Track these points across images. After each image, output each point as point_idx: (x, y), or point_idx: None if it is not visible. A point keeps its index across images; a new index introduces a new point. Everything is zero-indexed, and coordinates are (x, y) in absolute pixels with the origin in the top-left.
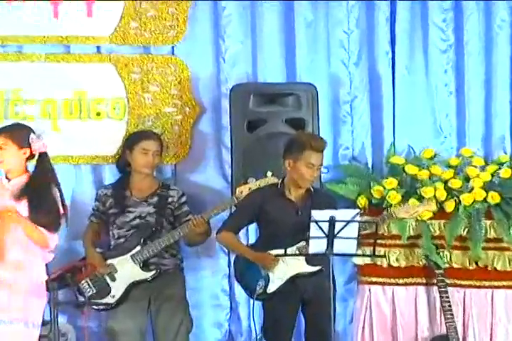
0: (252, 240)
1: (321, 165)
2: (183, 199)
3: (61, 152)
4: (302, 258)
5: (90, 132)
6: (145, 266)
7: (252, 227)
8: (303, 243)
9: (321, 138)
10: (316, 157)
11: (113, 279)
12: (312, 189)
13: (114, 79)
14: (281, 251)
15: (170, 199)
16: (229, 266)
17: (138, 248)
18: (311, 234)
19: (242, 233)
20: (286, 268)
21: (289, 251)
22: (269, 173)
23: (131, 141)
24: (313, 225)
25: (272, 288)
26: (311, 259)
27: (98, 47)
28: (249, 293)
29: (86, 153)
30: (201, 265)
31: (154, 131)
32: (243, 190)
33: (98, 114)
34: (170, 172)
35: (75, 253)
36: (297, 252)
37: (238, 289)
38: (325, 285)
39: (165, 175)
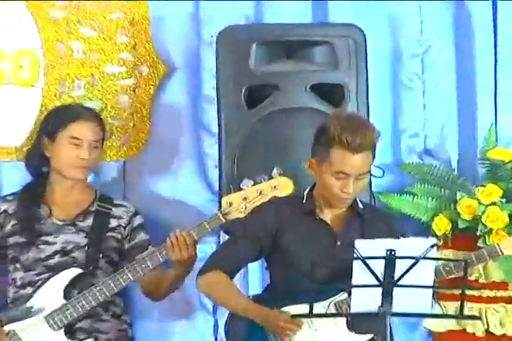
0: (256, 289)
1: (365, 172)
2: (138, 221)
3: None
4: (342, 321)
5: None
6: (70, 333)
7: (256, 267)
8: (343, 295)
9: (366, 128)
10: (351, 161)
11: None
12: (360, 204)
13: (21, 17)
14: (305, 308)
15: (114, 223)
16: (215, 332)
17: (57, 304)
18: (355, 281)
19: (237, 277)
20: (313, 336)
21: (319, 307)
22: (275, 171)
23: (52, 123)
24: (357, 265)
25: None
26: (356, 322)
27: None
28: None
29: None
30: (168, 331)
31: (90, 107)
32: (233, 201)
33: None
34: (115, 175)
35: None
36: (333, 311)
37: None
38: None
39: (107, 179)
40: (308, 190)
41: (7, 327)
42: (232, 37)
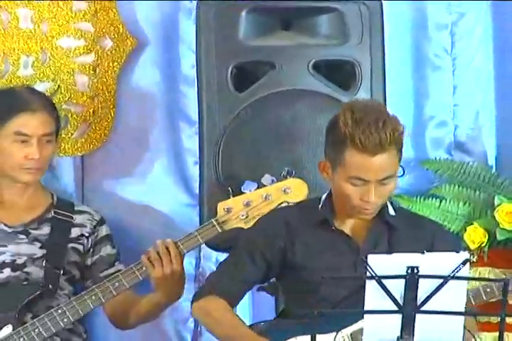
0: (262, 315)
1: (391, 176)
2: (103, 231)
3: None
4: None
5: None
6: None
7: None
8: (361, 323)
9: (387, 122)
10: (369, 165)
11: None
12: (391, 209)
13: None
14: (328, 338)
15: (75, 232)
16: None
17: (7, 330)
18: (368, 305)
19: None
20: None
21: (342, 337)
22: (285, 172)
23: None
24: (371, 285)
25: None
26: None
27: None
28: None
29: None
30: None
31: (38, 91)
32: (232, 207)
33: None
34: (71, 174)
35: None
36: None
37: None
38: None
39: (60, 178)
40: (326, 194)
41: None
42: (217, 4)
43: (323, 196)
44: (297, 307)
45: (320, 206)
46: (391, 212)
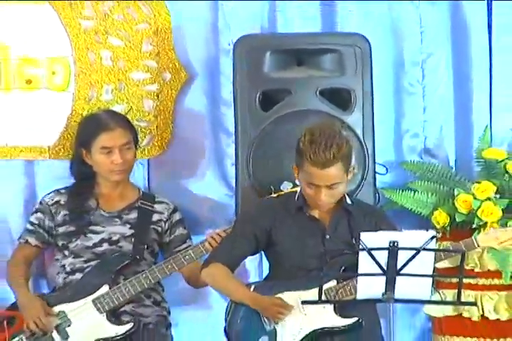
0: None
1: (337, 183)
2: (177, 216)
3: None
4: (329, 306)
5: (15, 110)
6: (115, 316)
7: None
8: (332, 283)
9: (334, 143)
10: (319, 175)
11: (64, 336)
12: (348, 200)
13: (54, 27)
14: (305, 294)
15: (156, 217)
16: None
17: (105, 288)
18: (361, 270)
19: (254, 266)
20: (303, 320)
21: (310, 294)
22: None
23: (84, 135)
24: (363, 255)
25: None
26: (342, 307)
27: None
28: None
29: (9, 143)
30: (188, 318)
31: (115, 112)
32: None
33: (28, 82)
34: (140, 174)
35: None
36: (325, 298)
37: None
38: None
39: (132, 176)
40: (300, 189)
41: (57, 308)
42: (247, 45)
43: (298, 190)
44: (278, 272)
45: (296, 198)
46: (348, 201)
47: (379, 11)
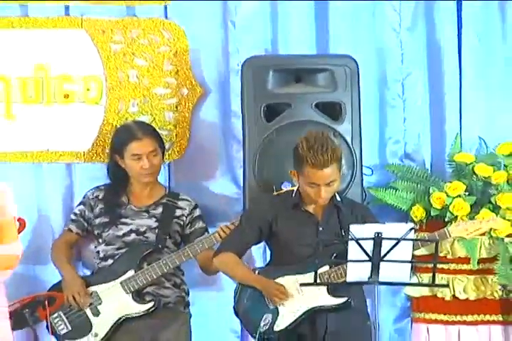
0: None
1: (334, 180)
2: (197, 212)
3: (16, 147)
4: (323, 288)
5: (55, 121)
6: (139, 296)
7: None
8: (325, 268)
9: (329, 147)
10: (319, 175)
11: (96, 313)
12: (338, 197)
13: (88, 50)
14: (302, 278)
15: (178, 212)
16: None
17: (131, 272)
18: (350, 257)
19: (259, 254)
20: (301, 299)
21: (306, 277)
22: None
23: (118, 143)
24: (352, 244)
25: (280, 324)
26: (334, 288)
27: (66, 8)
28: (251, 329)
29: (50, 148)
30: (203, 298)
31: (143, 122)
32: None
33: (66, 97)
34: (162, 175)
35: (33, 281)
36: (320, 281)
37: None
38: (356, 324)
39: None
40: (297, 188)
41: (91, 289)
42: (253, 65)
43: (295, 189)
44: (278, 259)
45: (293, 195)
46: (338, 199)
47: (366, 36)
